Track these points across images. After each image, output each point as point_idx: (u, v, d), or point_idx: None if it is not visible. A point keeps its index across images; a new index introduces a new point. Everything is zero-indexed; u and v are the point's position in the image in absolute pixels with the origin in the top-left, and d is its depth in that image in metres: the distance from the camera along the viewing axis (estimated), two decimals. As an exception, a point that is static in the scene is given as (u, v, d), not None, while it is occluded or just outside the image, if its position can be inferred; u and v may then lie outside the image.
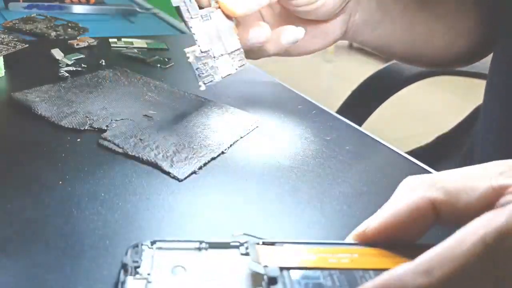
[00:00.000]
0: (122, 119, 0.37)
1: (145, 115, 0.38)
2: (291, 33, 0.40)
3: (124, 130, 0.35)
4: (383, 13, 0.47)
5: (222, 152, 0.34)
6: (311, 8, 0.40)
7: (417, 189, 0.24)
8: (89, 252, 0.24)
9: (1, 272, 0.22)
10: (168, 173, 0.31)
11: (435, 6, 0.51)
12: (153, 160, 0.32)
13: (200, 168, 0.32)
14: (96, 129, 0.35)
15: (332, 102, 0.75)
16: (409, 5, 0.49)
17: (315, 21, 0.44)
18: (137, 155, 0.32)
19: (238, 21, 0.40)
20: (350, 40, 0.50)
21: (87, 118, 0.36)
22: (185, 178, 0.31)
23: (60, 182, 0.29)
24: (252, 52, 0.43)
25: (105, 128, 0.35)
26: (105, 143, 0.33)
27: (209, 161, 0.33)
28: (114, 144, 0.33)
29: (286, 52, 0.45)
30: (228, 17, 0.38)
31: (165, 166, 0.31)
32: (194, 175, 0.32)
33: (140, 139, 0.34)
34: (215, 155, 0.34)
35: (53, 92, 0.40)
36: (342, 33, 0.46)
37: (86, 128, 0.35)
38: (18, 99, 0.38)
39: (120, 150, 0.32)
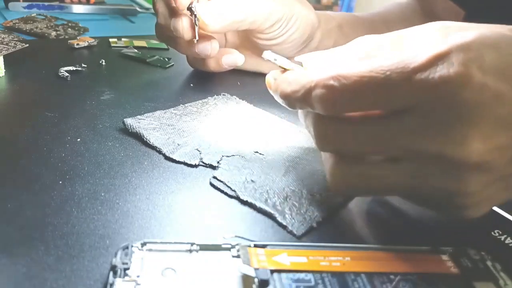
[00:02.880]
0: (233, 155, 0.34)
1: (257, 152, 0.35)
2: (232, 58, 0.46)
3: (235, 169, 0.33)
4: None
5: (342, 204, 0.30)
6: (271, 43, 0.46)
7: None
8: (89, 252, 0.24)
9: (1, 272, 0.22)
10: (283, 226, 0.28)
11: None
12: (266, 209, 0.29)
13: (319, 223, 0.28)
14: (207, 165, 0.33)
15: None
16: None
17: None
18: (250, 201, 0.29)
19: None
20: None
21: (198, 152, 0.34)
22: (303, 235, 0.27)
23: (60, 182, 0.29)
24: (196, 61, 0.49)
25: (216, 165, 0.33)
26: (216, 182, 0.31)
27: (328, 214, 0.29)
28: (226, 185, 0.31)
29: (243, 67, 0.51)
30: None
31: (279, 217, 0.28)
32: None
33: (252, 181, 0.31)
34: (334, 207, 0.30)
35: (165, 120, 0.38)
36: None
37: (197, 163, 0.33)
38: (130, 125, 0.36)
39: (232, 193, 0.30)
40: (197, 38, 0.43)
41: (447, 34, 0.25)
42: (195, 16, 0.41)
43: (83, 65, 0.49)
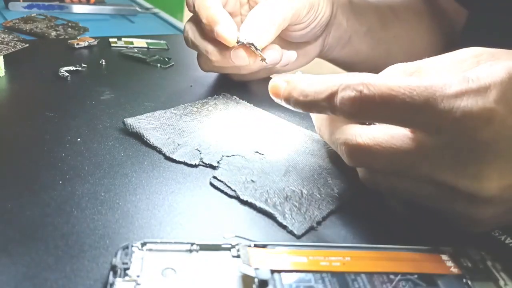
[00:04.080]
0: (233, 155, 0.34)
1: (257, 152, 0.35)
2: (286, 57, 0.44)
3: (235, 169, 0.33)
4: (351, 33, 0.53)
5: (342, 204, 0.30)
6: (306, 31, 0.45)
7: None
8: (89, 252, 0.24)
9: (1, 272, 0.22)
10: (283, 226, 0.28)
11: (394, 26, 0.57)
12: (266, 209, 0.29)
13: (319, 223, 0.28)
14: (207, 165, 0.33)
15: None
16: (372, 26, 0.55)
17: (299, 43, 0.48)
18: (250, 201, 0.29)
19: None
20: (323, 58, 0.56)
21: (198, 152, 0.34)
22: (303, 234, 0.27)
23: (60, 182, 0.29)
24: (244, 76, 0.47)
25: (216, 165, 0.33)
26: (216, 182, 0.31)
27: (328, 215, 0.29)
28: (226, 185, 0.31)
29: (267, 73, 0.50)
30: None
31: (279, 217, 0.28)
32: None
33: (252, 181, 0.32)
34: (333, 207, 0.30)
35: (165, 120, 0.38)
36: (320, 51, 0.52)
37: (197, 163, 0.33)
38: (130, 125, 0.36)
39: (232, 193, 0.30)
40: (266, 58, 0.40)
41: (478, 63, 0.26)
42: (252, 44, 0.39)
43: (83, 65, 0.49)
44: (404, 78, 0.25)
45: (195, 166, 0.33)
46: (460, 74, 0.25)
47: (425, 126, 0.25)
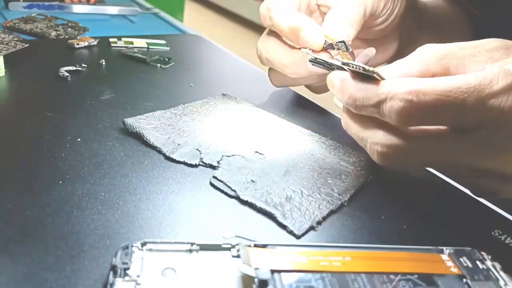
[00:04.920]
0: (233, 155, 0.34)
1: (257, 152, 0.35)
2: (364, 55, 0.43)
3: (235, 169, 0.33)
4: (419, 33, 0.51)
5: (342, 204, 0.31)
6: (386, 24, 0.44)
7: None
8: (89, 252, 0.24)
9: (1, 272, 0.22)
10: (283, 226, 0.28)
11: (445, 29, 0.55)
12: (266, 209, 0.29)
13: (319, 223, 0.29)
14: (208, 165, 0.33)
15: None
16: (435, 26, 0.53)
17: (376, 40, 0.46)
18: (250, 201, 0.29)
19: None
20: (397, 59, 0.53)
21: (198, 152, 0.34)
22: (303, 234, 0.27)
23: (60, 182, 0.29)
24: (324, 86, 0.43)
25: (216, 165, 0.33)
26: (216, 182, 0.31)
27: (328, 215, 0.29)
28: (226, 185, 0.31)
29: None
30: None
31: (279, 217, 0.28)
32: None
33: (252, 181, 0.32)
34: (333, 207, 0.30)
35: (165, 120, 0.38)
36: (398, 46, 0.49)
37: (197, 163, 0.33)
38: (130, 125, 0.36)
39: (232, 193, 0.30)
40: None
41: (509, 55, 0.28)
42: (343, 43, 0.36)
43: (83, 65, 0.49)
44: (448, 79, 0.26)
45: (195, 166, 0.33)
46: (497, 67, 0.27)
47: (472, 122, 0.26)
